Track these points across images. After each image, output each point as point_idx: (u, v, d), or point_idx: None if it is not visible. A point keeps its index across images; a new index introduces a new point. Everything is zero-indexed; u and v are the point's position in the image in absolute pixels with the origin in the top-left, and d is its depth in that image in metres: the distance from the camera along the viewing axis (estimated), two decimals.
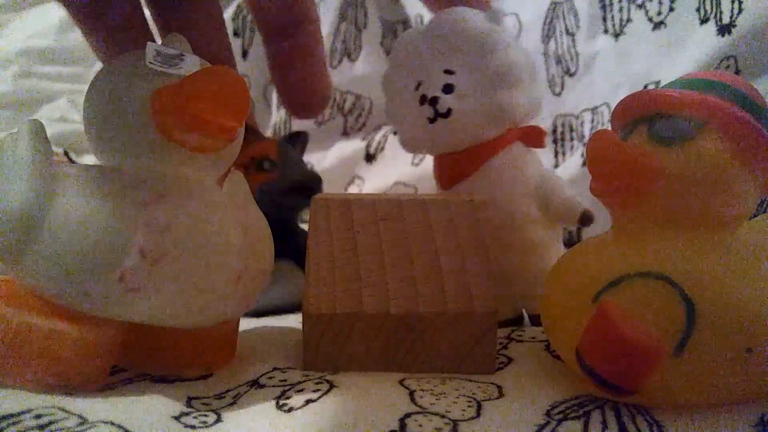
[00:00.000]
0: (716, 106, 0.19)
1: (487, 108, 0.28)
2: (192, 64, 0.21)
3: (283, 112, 0.63)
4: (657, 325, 0.18)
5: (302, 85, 0.33)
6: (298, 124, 0.61)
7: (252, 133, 0.35)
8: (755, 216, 0.21)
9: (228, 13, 0.66)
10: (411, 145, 0.31)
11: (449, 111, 0.28)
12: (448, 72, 0.28)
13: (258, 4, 0.32)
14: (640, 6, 0.47)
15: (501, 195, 0.28)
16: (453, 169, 0.30)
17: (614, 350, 0.18)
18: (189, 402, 0.20)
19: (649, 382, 0.18)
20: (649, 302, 0.18)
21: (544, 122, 0.50)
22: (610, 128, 0.22)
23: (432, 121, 0.28)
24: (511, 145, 0.29)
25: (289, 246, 0.35)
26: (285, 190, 0.34)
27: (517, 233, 0.29)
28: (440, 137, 0.29)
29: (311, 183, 0.36)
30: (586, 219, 0.28)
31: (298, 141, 0.41)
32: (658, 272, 0.18)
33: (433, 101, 0.28)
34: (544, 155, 0.49)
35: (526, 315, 0.31)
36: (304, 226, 0.38)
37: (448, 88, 0.28)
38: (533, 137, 0.30)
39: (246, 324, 0.29)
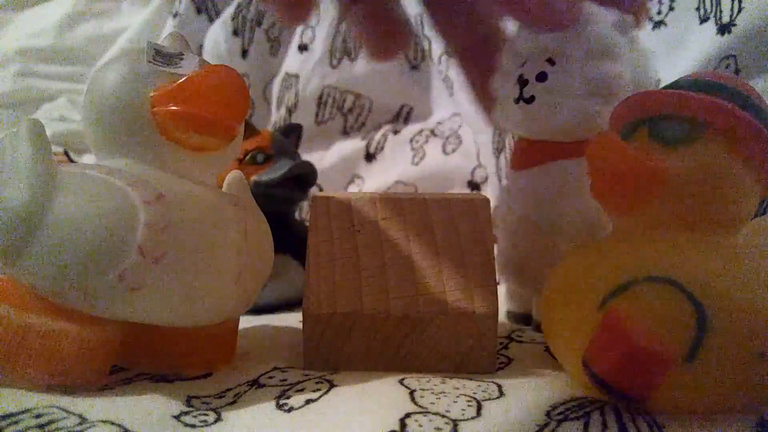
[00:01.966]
0: (718, 107, 0.19)
1: (573, 109, 0.27)
2: (192, 63, 0.21)
3: (283, 110, 0.63)
4: (668, 331, 0.17)
5: (381, 29, 0.32)
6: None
7: (246, 126, 0.35)
8: (755, 217, 0.21)
9: (228, 13, 0.66)
10: (499, 119, 0.30)
11: (534, 98, 0.27)
12: (550, 61, 0.27)
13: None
14: None
15: (551, 198, 0.28)
16: (526, 153, 0.30)
17: (625, 359, 0.18)
18: (189, 401, 0.20)
19: (660, 389, 0.17)
20: (659, 308, 0.17)
21: None
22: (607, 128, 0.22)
23: (516, 101, 0.28)
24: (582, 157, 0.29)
25: (286, 240, 0.34)
26: (279, 182, 0.34)
27: (552, 241, 0.28)
28: (522, 120, 0.29)
29: (306, 174, 0.35)
30: None
31: (292, 133, 0.40)
32: (667, 277, 0.18)
33: (525, 83, 0.28)
34: None
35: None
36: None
37: (542, 76, 0.27)
38: None
39: (246, 323, 0.29)
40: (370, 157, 0.60)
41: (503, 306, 0.32)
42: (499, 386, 0.21)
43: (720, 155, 0.19)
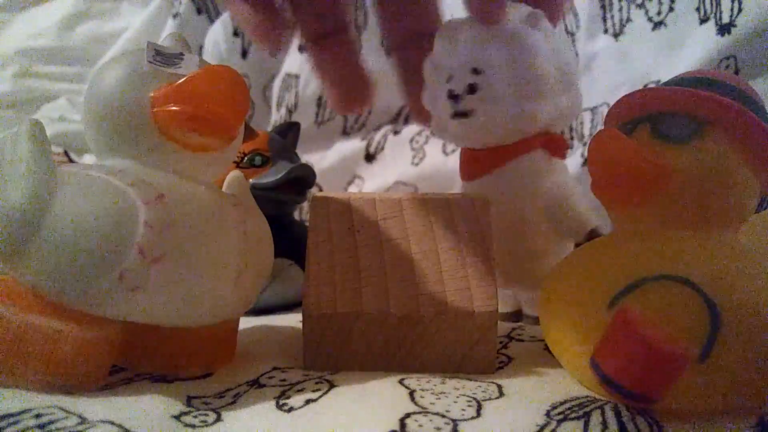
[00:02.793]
0: (721, 104, 0.19)
1: (509, 114, 0.28)
2: (191, 63, 0.21)
3: (283, 111, 0.63)
4: (681, 330, 0.17)
5: (346, 82, 0.33)
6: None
7: (244, 128, 0.35)
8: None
9: (228, 14, 0.66)
10: (438, 134, 0.31)
11: (470, 111, 0.28)
12: (475, 71, 0.28)
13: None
14: (640, 6, 0.47)
15: (512, 199, 0.28)
16: (473, 164, 0.30)
17: (638, 358, 0.17)
18: (189, 401, 0.20)
19: (673, 390, 0.17)
20: (672, 307, 0.17)
21: None
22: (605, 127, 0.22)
23: (453, 117, 0.28)
24: (532, 151, 0.29)
25: (285, 242, 0.34)
26: (278, 185, 0.34)
27: (521, 239, 0.29)
28: (461, 133, 0.29)
29: (304, 176, 0.35)
30: (594, 237, 0.28)
31: (290, 132, 0.40)
32: (679, 275, 0.17)
33: (456, 99, 0.28)
34: None
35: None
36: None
37: (472, 88, 0.28)
38: (555, 146, 0.30)
39: (246, 323, 0.29)
40: (370, 157, 0.60)
41: None
42: (499, 386, 0.21)
43: (722, 152, 0.19)
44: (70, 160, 0.58)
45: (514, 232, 0.29)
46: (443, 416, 0.18)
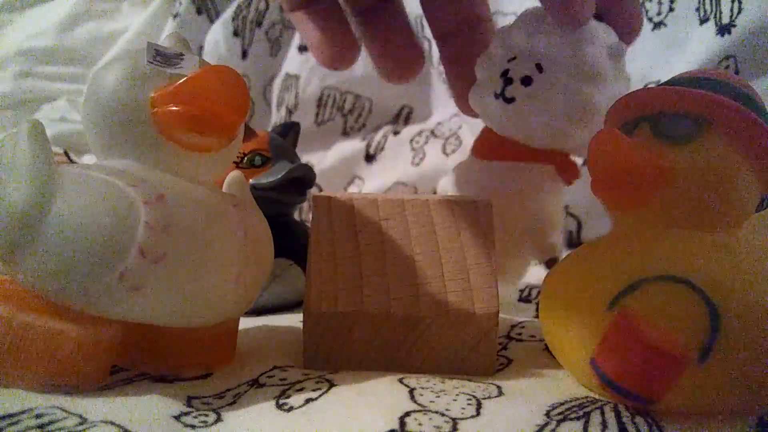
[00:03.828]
0: (722, 104, 0.19)
1: (544, 124, 0.28)
2: (191, 63, 0.21)
3: (283, 111, 0.63)
4: (681, 331, 0.17)
5: (396, 50, 0.33)
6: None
7: (244, 128, 0.35)
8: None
9: (228, 14, 0.66)
10: (472, 104, 0.31)
11: (512, 99, 0.28)
12: (538, 66, 0.27)
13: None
14: (640, 6, 0.47)
15: (505, 197, 0.29)
16: (489, 146, 0.31)
17: (638, 359, 0.17)
18: (189, 401, 0.20)
19: (673, 390, 0.17)
20: (672, 307, 0.17)
21: None
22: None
23: (496, 97, 0.28)
24: (545, 164, 0.29)
25: (284, 243, 0.34)
26: (278, 186, 0.34)
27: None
28: (495, 114, 0.29)
29: (304, 176, 0.35)
30: (550, 264, 0.30)
31: (290, 132, 0.40)
32: (679, 276, 0.17)
33: (507, 82, 0.28)
34: None
35: None
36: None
37: (527, 81, 0.27)
38: (567, 170, 0.30)
39: (246, 323, 0.29)
40: (370, 157, 0.60)
41: None
42: (499, 386, 0.21)
43: (722, 152, 0.19)
44: (70, 160, 0.58)
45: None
46: (443, 415, 0.18)
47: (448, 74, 0.33)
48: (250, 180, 0.33)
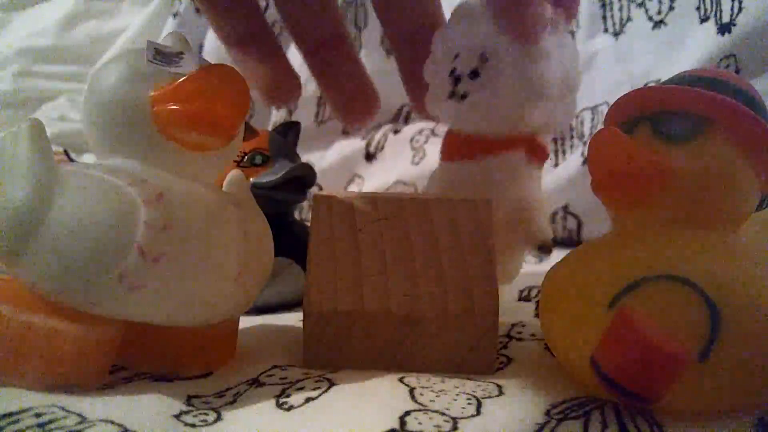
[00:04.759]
0: (722, 103, 0.19)
1: (502, 111, 0.28)
2: (192, 62, 0.21)
3: (283, 111, 0.63)
4: (681, 330, 0.17)
5: (349, 92, 0.33)
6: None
7: (244, 127, 0.35)
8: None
9: None
10: (430, 111, 0.31)
11: (467, 94, 0.28)
12: (483, 58, 0.27)
13: (295, 22, 0.33)
14: (640, 5, 0.47)
15: (482, 193, 0.28)
16: (454, 147, 0.30)
17: (637, 358, 0.17)
18: (189, 401, 0.20)
19: (672, 390, 0.17)
20: (672, 307, 0.17)
21: None
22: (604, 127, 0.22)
23: (450, 96, 0.28)
24: (515, 151, 0.29)
25: (285, 242, 0.34)
26: (278, 185, 0.34)
27: None
28: (453, 113, 0.29)
29: (305, 176, 0.35)
30: (543, 250, 0.29)
31: (290, 132, 0.40)
32: (679, 275, 0.17)
33: (456, 80, 0.28)
34: None
35: None
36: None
37: (474, 73, 0.27)
38: (537, 152, 0.30)
39: (246, 322, 0.29)
40: (370, 156, 0.60)
41: None
42: (499, 386, 0.21)
43: (723, 151, 0.19)
44: (70, 160, 0.58)
45: None
46: (443, 414, 0.18)
47: (405, 81, 0.33)
48: (251, 179, 0.33)
